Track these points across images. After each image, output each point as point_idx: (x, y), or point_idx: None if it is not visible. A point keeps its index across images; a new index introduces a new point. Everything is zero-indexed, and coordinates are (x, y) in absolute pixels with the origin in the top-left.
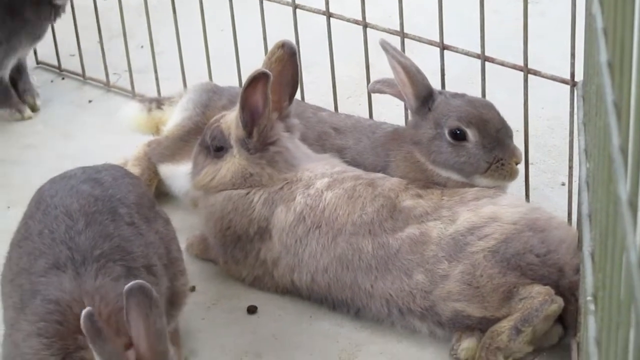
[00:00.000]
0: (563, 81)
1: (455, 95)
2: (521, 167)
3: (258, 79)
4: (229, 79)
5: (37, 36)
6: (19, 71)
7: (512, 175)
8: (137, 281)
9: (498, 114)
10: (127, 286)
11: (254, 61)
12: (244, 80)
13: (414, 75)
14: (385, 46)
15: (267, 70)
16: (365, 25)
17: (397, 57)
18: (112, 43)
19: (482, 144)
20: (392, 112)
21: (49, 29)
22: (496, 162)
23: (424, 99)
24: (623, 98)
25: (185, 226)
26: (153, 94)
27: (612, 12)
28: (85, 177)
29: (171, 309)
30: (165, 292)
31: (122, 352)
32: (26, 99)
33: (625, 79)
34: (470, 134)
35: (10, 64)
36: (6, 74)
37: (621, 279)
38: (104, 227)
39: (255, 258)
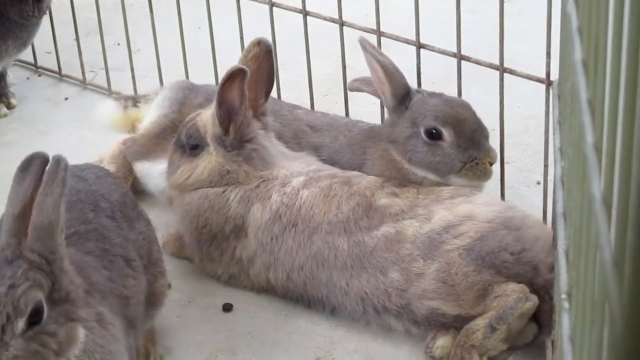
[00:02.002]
0: (539, 80)
1: (433, 95)
2: (497, 166)
3: (235, 75)
4: (205, 77)
5: (24, 41)
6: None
7: (485, 175)
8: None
9: (474, 114)
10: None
11: (231, 59)
12: (221, 78)
13: (392, 74)
14: (364, 44)
15: (244, 67)
16: (342, 24)
17: (375, 56)
18: (89, 40)
19: (457, 144)
20: (368, 110)
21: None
22: (470, 161)
23: (402, 97)
24: (597, 96)
25: (161, 224)
26: (129, 91)
27: (586, 11)
28: (69, 173)
29: (149, 309)
30: (143, 291)
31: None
32: (1, 99)
33: (600, 78)
34: (446, 133)
35: None
36: None
37: (595, 276)
38: (83, 213)
39: (231, 256)
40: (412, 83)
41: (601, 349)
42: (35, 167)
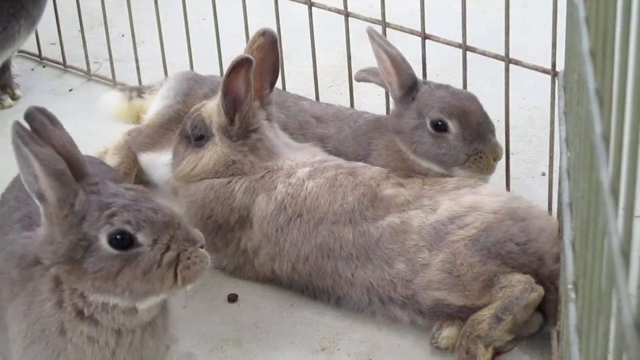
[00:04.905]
0: (544, 71)
1: (440, 86)
2: (502, 157)
3: (241, 64)
4: (210, 68)
5: (34, 19)
6: (3, 70)
7: (488, 169)
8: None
9: (481, 107)
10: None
11: (236, 50)
12: (225, 69)
13: (399, 64)
14: (371, 34)
15: (250, 56)
16: (347, 15)
17: (383, 46)
18: (93, 32)
19: (463, 136)
20: (373, 101)
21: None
22: (475, 154)
23: (409, 88)
24: (605, 86)
25: None
26: (134, 82)
27: (594, 0)
28: None
29: None
30: None
31: (54, 152)
32: (5, 90)
33: (607, 67)
34: (452, 125)
35: (4, 56)
36: None
37: (602, 266)
38: None
39: (236, 247)
40: (417, 74)
41: (608, 339)
42: (39, 123)
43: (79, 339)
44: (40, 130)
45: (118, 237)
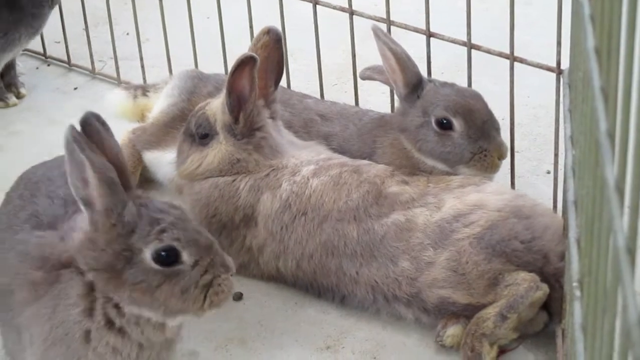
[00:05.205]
0: (549, 69)
1: (445, 85)
2: (507, 155)
3: (245, 62)
4: (214, 66)
5: (36, 29)
6: (8, 68)
7: (492, 167)
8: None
9: (486, 105)
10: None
11: (240, 49)
12: (230, 67)
13: (404, 62)
14: (377, 32)
15: (254, 54)
16: (352, 13)
17: (388, 44)
18: (98, 30)
19: (468, 134)
20: (378, 99)
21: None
22: (480, 152)
23: (414, 86)
24: (610, 83)
25: None
26: (138, 81)
27: None
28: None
29: None
30: None
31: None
32: (10, 89)
33: (613, 65)
34: (457, 123)
35: (6, 59)
36: None
37: (607, 263)
38: None
39: (241, 245)
40: (422, 72)
41: (613, 337)
42: (93, 130)
43: (103, 349)
44: (94, 136)
45: (164, 253)
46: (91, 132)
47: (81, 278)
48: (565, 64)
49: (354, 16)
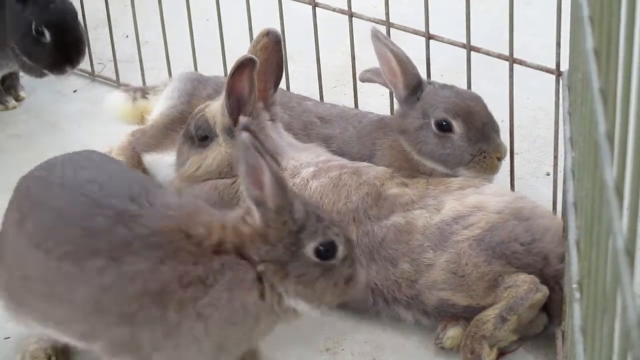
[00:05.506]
0: (548, 71)
1: (444, 87)
2: (506, 157)
3: (245, 64)
4: (214, 68)
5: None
6: (10, 73)
7: (492, 168)
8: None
9: (485, 107)
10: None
11: (240, 51)
12: (229, 69)
13: (404, 65)
14: (377, 34)
15: (254, 57)
16: (351, 15)
17: (388, 46)
18: (97, 32)
19: (467, 136)
20: (377, 101)
21: None
22: (479, 154)
23: (413, 88)
24: (609, 85)
25: None
26: (138, 83)
27: (598, 0)
28: (71, 156)
29: None
30: None
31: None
32: (10, 92)
33: (612, 66)
34: (456, 125)
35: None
36: None
37: (607, 265)
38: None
39: None
40: (422, 74)
41: (613, 339)
42: (252, 134)
43: (264, 328)
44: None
45: (325, 247)
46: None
47: (252, 266)
48: (564, 66)
49: (353, 18)
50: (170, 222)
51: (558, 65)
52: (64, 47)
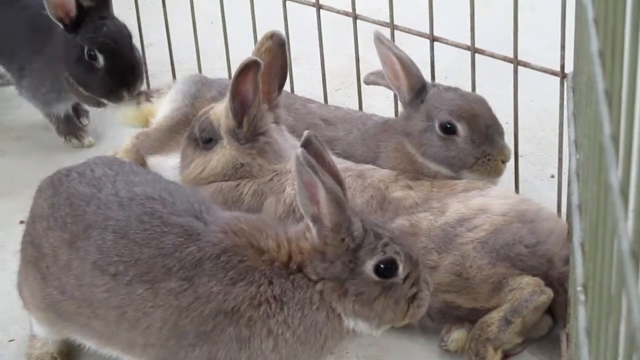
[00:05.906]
0: (553, 73)
1: (448, 89)
2: (511, 159)
3: (249, 67)
4: (218, 71)
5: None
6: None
7: (496, 171)
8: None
9: (489, 109)
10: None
11: (244, 54)
12: (234, 71)
13: (408, 67)
14: (380, 37)
15: (258, 59)
16: (355, 17)
17: (391, 49)
18: None
19: (472, 139)
20: (381, 104)
21: None
22: (483, 157)
23: (418, 91)
24: (614, 87)
25: None
26: (142, 86)
27: (603, 1)
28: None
29: None
30: None
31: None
32: (81, 120)
33: (617, 68)
34: (460, 128)
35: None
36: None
37: (612, 267)
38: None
39: None
40: (426, 76)
41: (618, 341)
42: (316, 149)
43: (330, 347)
44: (316, 154)
45: (384, 265)
46: (313, 150)
47: (313, 285)
48: (569, 68)
49: (357, 20)
50: (239, 237)
51: (562, 67)
52: (117, 71)
